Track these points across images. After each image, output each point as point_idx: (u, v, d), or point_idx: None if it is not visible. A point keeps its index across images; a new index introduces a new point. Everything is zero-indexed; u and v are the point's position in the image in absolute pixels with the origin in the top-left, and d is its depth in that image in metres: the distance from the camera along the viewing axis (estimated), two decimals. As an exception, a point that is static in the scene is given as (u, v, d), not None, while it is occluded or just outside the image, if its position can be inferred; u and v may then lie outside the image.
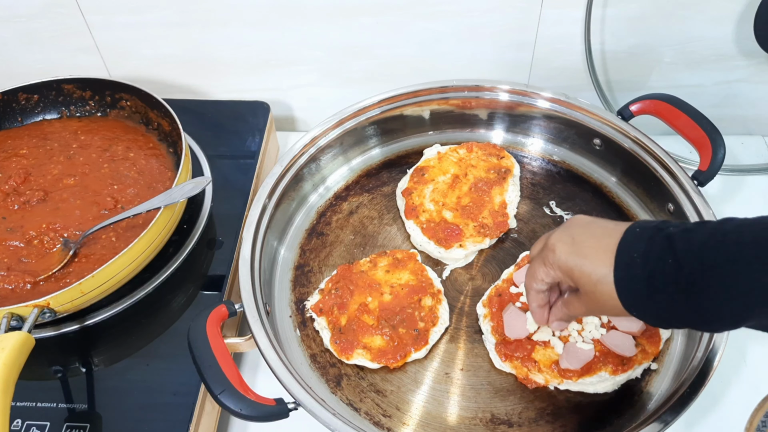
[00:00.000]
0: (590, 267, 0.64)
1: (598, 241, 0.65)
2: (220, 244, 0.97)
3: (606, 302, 0.64)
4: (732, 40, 1.07)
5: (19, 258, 0.88)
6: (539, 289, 0.73)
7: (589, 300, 0.67)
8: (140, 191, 0.96)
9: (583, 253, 0.65)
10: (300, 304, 0.92)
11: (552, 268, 0.69)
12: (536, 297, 0.74)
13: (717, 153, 0.91)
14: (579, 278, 0.66)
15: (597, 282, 0.64)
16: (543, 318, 0.76)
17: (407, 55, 1.15)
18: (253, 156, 1.07)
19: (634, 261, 0.61)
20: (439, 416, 0.82)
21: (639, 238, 0.62)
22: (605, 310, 0.67)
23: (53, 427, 0.79)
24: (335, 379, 0.85)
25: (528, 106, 1.06)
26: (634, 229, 0.63)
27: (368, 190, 1.06)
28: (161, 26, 1.12)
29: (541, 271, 0.70)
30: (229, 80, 1.22)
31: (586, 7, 1.05)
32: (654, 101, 0.99)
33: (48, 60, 1.19)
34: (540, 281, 0.71)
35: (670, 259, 0.59)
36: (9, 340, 0.72)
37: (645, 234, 0.62)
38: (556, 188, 1.05)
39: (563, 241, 0.67)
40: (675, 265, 0.58)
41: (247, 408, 0.71)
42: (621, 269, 0.62)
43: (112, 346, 0.87)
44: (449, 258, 0.96)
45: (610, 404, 0.82)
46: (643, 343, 0.83)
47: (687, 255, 0.58)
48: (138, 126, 1.07)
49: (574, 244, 0.66)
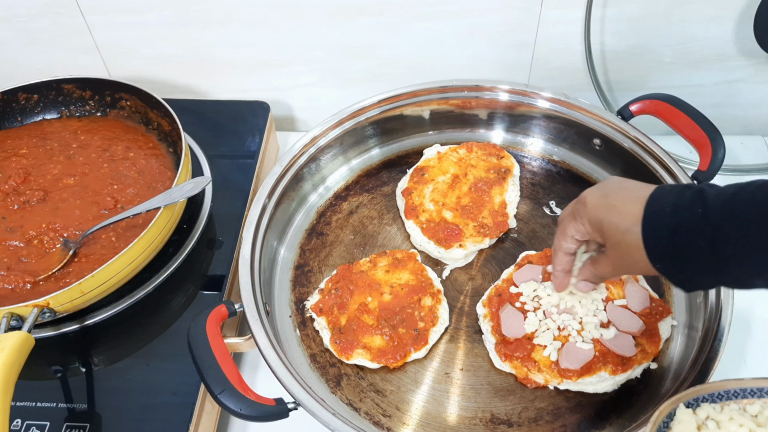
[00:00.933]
0: (618, 217, 0.65)
1: (629, 194, 0.66)
2: (220, 244, 0.97)
3: (632, 256, 0.64)
4: (732, 40, 1.07)
5: (19, 258, 0.88)
6: (568, 248, 0.74)
7: (616, 255, 0.67)
8: (140, 191, 0.96)
9: (614, 205, 0.66)
10: (300, 304, 0.92)
11: (582, 222, 0.70)
12: (563, 259, 0.75)
13: (717, 153, 0.91)
14: (607, 229, 0.66)
15: (625, 232, 0.64)
16: (565, 284, 0.77)
17: (407, 55, 1.15)
18: (253, 156, 1.07)
19: (663, 210, 0.62)
20: (439, 416, 0.82)
21: (670, 192, 0.63)
22: (631, 265, 0.67)
23: (53, 426, 0.79)
24: (335, 379, 0.85)
25: (528, 106, 1.06)
26: (664, 186, 0.65)
27: (368, 190, 1.06)
28: (161, 26, 1.12)
29: (572, 227, 0.71)
30: (229, 80, 1.22)
31: (586, 7, 1.05)
32: (654, 101, 0.99)
33: (48, 60, 1.19)
34: (570, 238, 0.72)
35: (699, 209, 0.59)
36: (9, 340, 0.72)
37: (676, 188, 0.63)
38: (556, 188, 1.05)
39: (594, 194, 0.69)
40: (703, 214, 0.59)
41: (247, 408, 0.71)
42: (649, 218, 0.63)
43: (112, 346, 0.87)
44: (449, 258, 0.96)
45: (610, 404, 0.82)
46: (643, 343, 0.83)
47: (715, 205, 0.59)
48: (138, 126, 1.07)
49: (605, 197, 0.68)
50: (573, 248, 0.73)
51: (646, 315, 0.85)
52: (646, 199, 0.64)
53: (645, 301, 0.86)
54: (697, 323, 0.85)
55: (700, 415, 0.67)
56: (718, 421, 0.66)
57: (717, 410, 0.67)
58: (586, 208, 0.69)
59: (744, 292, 0.88)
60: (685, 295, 0.90)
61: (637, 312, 0.85)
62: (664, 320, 0.85)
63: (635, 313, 0.85)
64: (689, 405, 0.67)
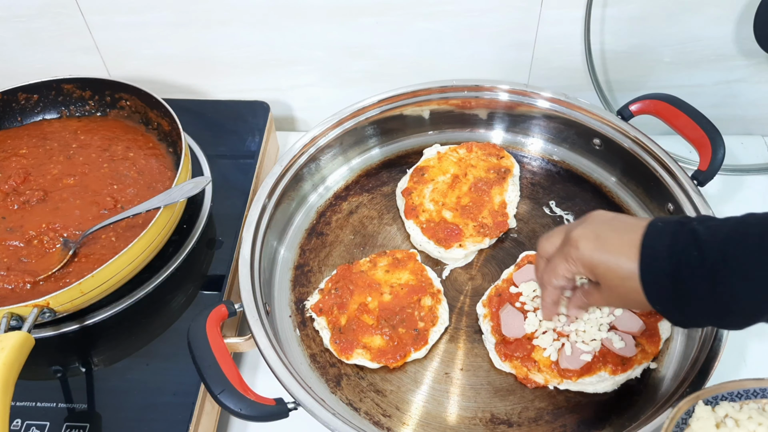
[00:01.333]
0: (616, 263, 0.64)
1: (621, 237, 0.65)
2: (219, 244, 0.97)
3: (630, 296, 0.64)
4: (732, 40, 1.07)
5: (19, 258, 0.88)
6: (558, 285, 0.73)
7: (611, 294, 0.67)
8: (140, 191, 0.96)
9: (608, 249, 0.65)
10: (300, 304, 0.92)
11: (574, 264, 0.69)
12: (552, 293, 0.75)
13: (717, 153, 0.91)
14: (604, 274, 0.66)
15: (624, 278, 0.64)
16: (553, 313, 0.77)
17: (407, 55, 1.15)
18: (252, 156, 1.07)
19: (660, 255, 0.61)
20: (439, 416, 0.82)
21: (663, 233, 0.63)
22: (627, 303, 0.68)
23: (53, 426, 0.79)
24: (335, 379, 0.85)
25: (528, 106, 1.06)
26: (656, 224, 0.64)
27: (368, 189, 1.06)
28: (161, 26, 1.12)
29: (563, 267, 0.70)
30: (229, 80, 1.22)
31: (586, 7, 1.05)
32: (654, 101, 0.99)
33: (48, 60, 1.19)
34: (561, 277, 0.71)
35: (695, 252, 0.59)
36: (9, 339, 0.72)
37: (668, 228, 0.62)
38: (555, 188, 1.05)
39: (586, 237, 0.67)
40: (699, 257, 0.59)
41: (246, 408, 0.71)
42: (647, 263, 0.62)
43: (112, 346, 0.87)
44: (449, 258, 0.96)
45: (610, 404, 0.82)
46: (643, 343, 0.83)
47: (711, 248, 0.59)
48: (138, 126, 1.07)
49: (597, 240, 0.66)
50: (563, 284, 0.73)
51: (646, 315, 0.85)
52: (640, 242, 0.63)
53: (645, 301, 0.86)
54: (697, 323, 0.85)
55: (719, 413, 0.67)
56: (737, 419, 0.66)
57: (736, 409, 0.67)
58: (578, 251, 0.67)
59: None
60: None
61: (637, 312, 0.85)
62: (664, 320, 0.85)
63: (635, 313, 0.85)
64: (708, 402, 0.68)
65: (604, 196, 1.03)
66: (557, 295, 0.75)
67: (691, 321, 0.65)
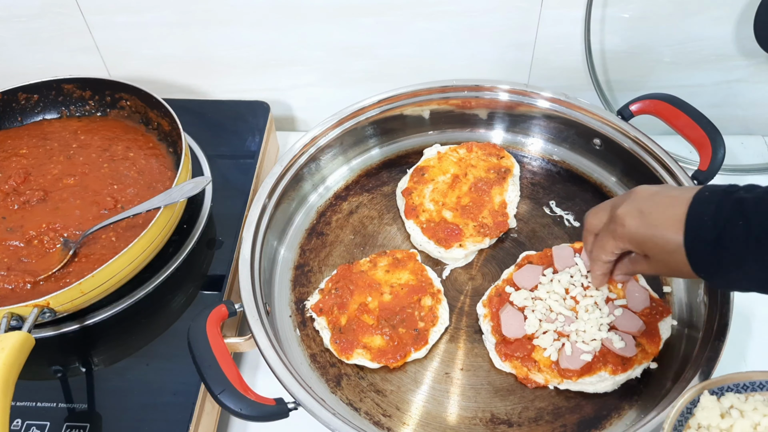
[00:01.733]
0: (662, 238, 0.65)
1: (665, 211, 0.66)
2: (220, 244, 0.97)
3: (677, 267, 0.65)
4: (732, 40, 1.07)
5: (19, 258, 0.88)
6: (607, 260, 0.75)
7: (659, 264, 0.69)
8: (140, 191, 0.96)
9: (654, 224, 0.66)
10: (300, 304, 0.92)
11: (622, 241, 0.70)
12: (602, 266, 0.77)
13: (717, 153, 0.91)
14: (651, 249, 0.67)
15: (671, 252, 0.65)
16: (603, 284, 0.80)
17: (407, 55, 1.15)
18: (253, 156, 1.07)
19: (704, 225, 0.62)
20: (439, 416, 0.82)
21: (708, 202, 0.63)
22: (674, 273, 0.69)
23: (53, 426, 0.79)
24: (335, 379, 0.85)
25: (528, 106, 1.06)
26: (703, 193, 0.64)
27: (368, 189, 1.06)
28: (161, 26, 1.12)
29: (611, 244, 0.72)
30: (229, 80, 1.22)
31: (586, 7, 1.05)
32: (654, 101, 0.98)
33: (48, 60, 1.19)
34: (609, 253, 0.73)
35: (740, 221, 0.60)
36: (9, 339, 0.72)
37: (714, 198, 0.63)
38: (555, 188, 1.05)
39: (631, 214, 0.68)
40: (745, 225, 0.59)
41: (247, 408, 0.71)
42: (691, 234, 0.63)
43: (112, 346, 0.87)
44: (449, 258, 0.96)
45: (610, 404, 0.82)
46: (643, 343, 0.83)
47: (757, 216, 0.59)
48: (138, 126, 1.07)
49: (642, 216, 0.67)
50: (612, 259, 0.75)
51: (646, 315, 0.85)
52: (685, 214, 0.64)
53: (645, 301, 0.86)
54: (697, 323, 0.85)
55: (724, 403, 0.68)
56: (741, 410, 0.67)
57: (741, 400, 0.67)
58: (625, 228, 0.69)
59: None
60: (685, 295, 0.91)
61: (637, 312, 0.85)
62: (664, 320, 0.85)
63: (635, 313, 0.85)
64: (714, 393, 0.68)
65: (604, 196, 1.03)
66: (607, 269, 0.77)
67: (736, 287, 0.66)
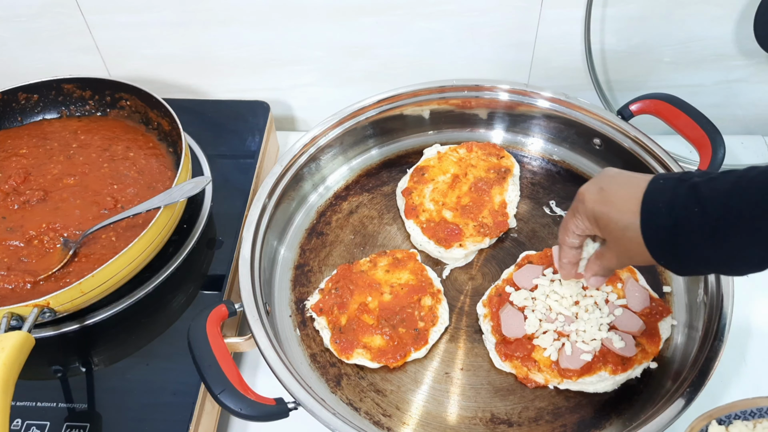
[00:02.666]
0: (617, 214, 0.66)
1: (623, 190, 0.66)
2: (220, 244, 0.97)
3: (633, 250, 0.65)
4: (732, 40, 1.07)
5: (19, 258, 0.88)
6: (571, 243, 0.75)
7: (618, 249, 0.68)
8: (140, 191, 0.96)
9: (610, 201, 0.67)
10: (300, 304, 0.92)
11: (581, 218, 0.71)
12: (568, 252, 0.76)
13: (717, 153, 0.91)
14: (606, 225, 0.67)
15: (624, 228, 0.65)
16: (571, 275, 0.78)
17: (407, 55, 1.15)
18: (252, 156, 1.07)
19: (660, 210, 0.62)
20: (439, 416, 0.82)
21: (663, 189, 0.63)
22: (634, 258, 0.68)
23: (53, 426, 0.79)
24: (335, 379, 0.85)
25: (528, 105, 1.06)
26: (657, 180, 0.65)
27: (368, 189, 1.06)
28: (161, 26, 1.12)
29: (572, 222, 0.72)
30: (229, 80, 1.22)
31: (586, 6, 1.05)
32: (654, 101, 0.99)
33: (48, 60, 1.19)
34: (571, 233, 0.73)
35: (696, 207, 0.60)
36: (9, 339, 0.72)
37: (669, 184, 0.63)
38: (555, 188, 1.05)
39: (591, 191, 0.69)
40: (701, 212, 0.59)
41: (247, 408, 0.71)
42: (647, 218, 0.63)
43: (112, 346, 0.87)
44: (449, 258, 0.96)
45: (610, 404, 0.82)
46: (643, 343, 0.83)
47: (712, 202, 0.59)
48: (138, 126, 1.07)
49: (601, 192, 0.68)
50: (576, 243, 0.75)
51: (646, 315, 0.85)
52: (642, 196, 0.64)
53: (645, 301, 0.86)
54: (697, 323, 0.85)
55: None
56: None
57: (749, 427, 0.67)
58: (584, 204, 0.70)
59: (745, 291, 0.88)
60: (685, 295, 0.91)
61: (637, 312, 0.85)
62: (664, 320, 0.85)
63: (635, 313, 0.85)
64: (721, 422, 0.67)
65: (604, 195, 1.03)
66: (573, 256, 0.77)
67: (692, 271, 0.66)
